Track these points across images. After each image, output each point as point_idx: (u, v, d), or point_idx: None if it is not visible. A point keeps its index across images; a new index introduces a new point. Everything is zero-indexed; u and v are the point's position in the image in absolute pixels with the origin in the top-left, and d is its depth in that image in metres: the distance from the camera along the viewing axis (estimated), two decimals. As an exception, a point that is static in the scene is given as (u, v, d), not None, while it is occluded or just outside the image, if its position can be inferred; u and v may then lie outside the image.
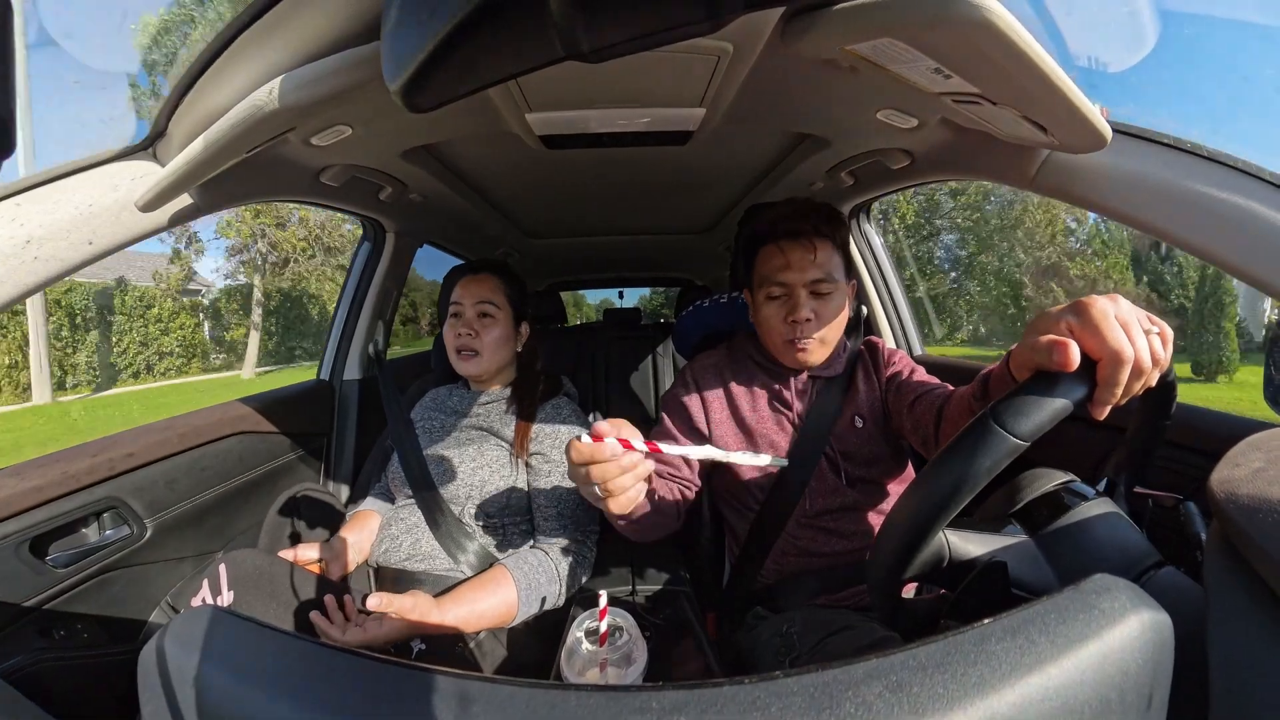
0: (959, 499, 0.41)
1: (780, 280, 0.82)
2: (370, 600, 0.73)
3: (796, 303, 0.81)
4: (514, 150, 0.97)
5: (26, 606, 0.76)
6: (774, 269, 0.83)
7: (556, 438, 1.00)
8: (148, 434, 1.00)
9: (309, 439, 1.40)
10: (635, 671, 0.57)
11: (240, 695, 0.31)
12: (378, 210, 1.34)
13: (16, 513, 0.77)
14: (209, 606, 0.37)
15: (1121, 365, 0.40)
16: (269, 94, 0.60)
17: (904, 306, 1.61)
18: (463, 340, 1.03)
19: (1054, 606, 0.31)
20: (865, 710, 0.27)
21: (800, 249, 0.82)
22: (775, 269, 0.83)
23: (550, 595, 0.89)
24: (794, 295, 0.82)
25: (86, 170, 0.70)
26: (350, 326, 1.55)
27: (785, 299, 0.83)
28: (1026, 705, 0.27)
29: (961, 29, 0.49)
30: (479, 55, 0.27)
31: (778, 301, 0.84)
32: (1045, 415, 0.39)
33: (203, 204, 0.81)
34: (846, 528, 0.86)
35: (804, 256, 0.81)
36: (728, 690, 0.29)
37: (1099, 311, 0.42)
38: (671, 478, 0.87)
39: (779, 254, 0.83)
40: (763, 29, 0.61)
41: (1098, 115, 0.61)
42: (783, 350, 0.86)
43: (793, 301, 0.82)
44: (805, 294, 0.82)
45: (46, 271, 0.64)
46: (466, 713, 0.29)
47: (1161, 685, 0.31)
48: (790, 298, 0.82)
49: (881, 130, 0.90)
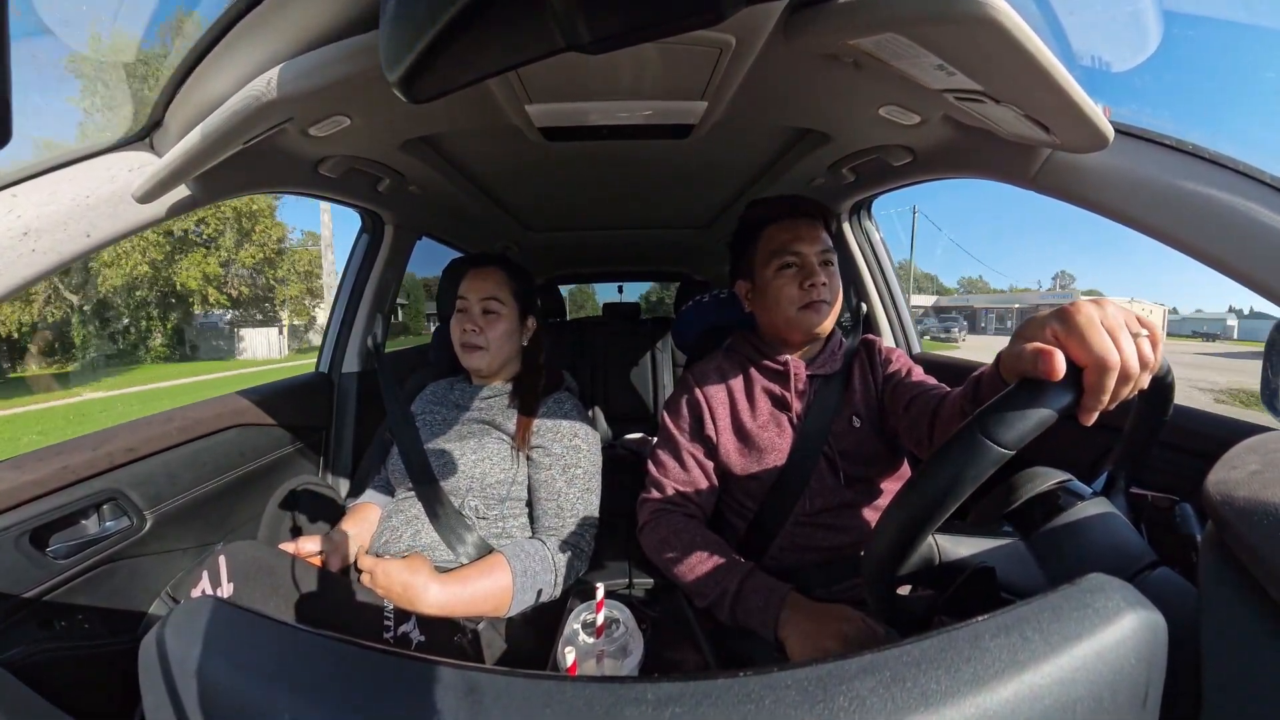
0: (946, 506, 0.41)
1: (794, 250, 0.87)
2: (363, 561, 0.80)
3: (811, 268, 0.87)
4: (514, 142, 0.97)
5: (27, 597, 0.77)
6: (786, 241, 0.88)
7: (557, 432, 1.00)
8: (147, 427, 1.00)
9: (308, 432, 1.40)
10: (631, 663, 0.58)
11: (240, 685, 0.31)
12: (376, 202, 1.33)
13: (17, 504, 0.77)
14: (209, 597, 0.37)
15: (1107, 372, 0.40)
16: (267, 84, 0.59)
17: (902, 304, 1.61)
18: (468, 336, 1.02)
19: (1049, 605, 0.32)
20: (858, 704, 0.27)
21: (808, 225, 0.89)
22: (787, 241, 0.88)
23: (547, 586, 0.89)
24: (807, 262, 0.87)
25: (84, 161, 0.69)
26: (349, 319, 1.54)
27: (799, 268, 0.87)
28: (1019, 703, 0.27)
29: (966, 26, 0.49)
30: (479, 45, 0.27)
31: (791, 270, 0.88)
32: (1030, 424, 0.39)
33: (200, 195, 0.80)
34: (844, 523, 0.86)
35: (812, 231, 0.89)
36: (722, 683, 0.29)
37: (1084, 318, 0.41)
38: (699, 511, 0.92)
39: (789, 229, 0.89)
40: (765, 22, 0.60)
41: (1100, 115, 0.60)
42: (794, 320, 0.88)
43: (807, 268, 0.87)
44: (817, 262, 0.87)
45: (44, 263, 0.64)
46: (464, 702, 0.29)
47: (1155, 685, 0.31)
48: (804, 265, 0.87)
49: (883, 126, 0.90)
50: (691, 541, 0.83)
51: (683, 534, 0.85)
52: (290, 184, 1.03)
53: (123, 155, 0.72)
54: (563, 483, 0.97)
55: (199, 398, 1.20)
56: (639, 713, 0.28)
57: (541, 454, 0.99)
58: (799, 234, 0.88)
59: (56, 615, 0.80)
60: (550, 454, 0.99)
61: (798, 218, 0.90)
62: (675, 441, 0.94)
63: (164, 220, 0.77)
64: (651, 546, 0.89)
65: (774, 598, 0.73)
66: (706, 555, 0.81)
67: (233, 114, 0.62)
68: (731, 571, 0.78)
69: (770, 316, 0.91)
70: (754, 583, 0.76)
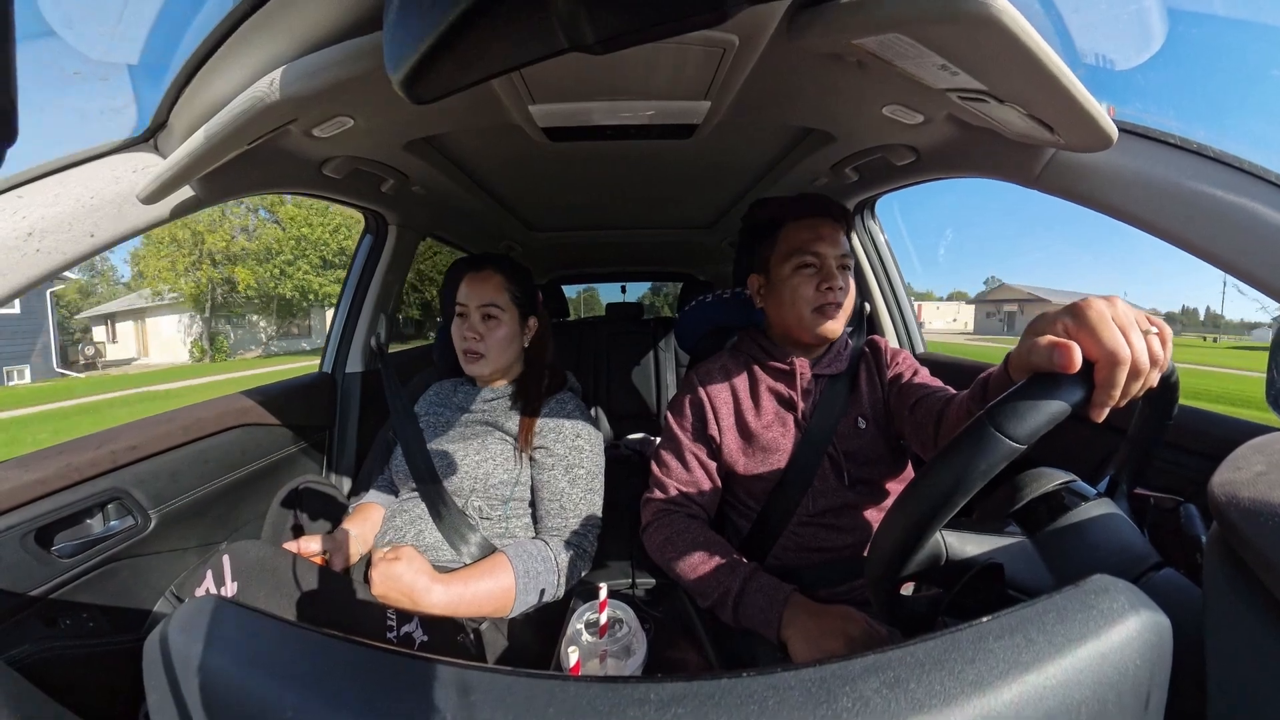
0: (955, 502, 0.41)
1: (814, 250, 0.86)
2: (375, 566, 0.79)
3: (830, 271, 0.85)
4: (517, 143, 0.97)
5: (32, 596, 0.77)
6: (806, 241, 0.86)
7: (560, 432, 1.00)
8: (151, 426, 1.00)
9: (311, 432, 1.41)
10: (634, 663, 0.58)
11: (244, 684, 0.31)
12: (380, 203, 1.33)
13: (21, 504, 0.78)
14: (213, 596, 0.37)
15: (1118, 367, 0.40)
16: (270, 85, 0.59)
17: (906, 305, 1.60)
18: (468, 344, 1.02)
19: (1053, 606, 0.31)
20: (862, 705, 0.27)
21: (830, 226, 0.87)
22: (808, 241, 0.86)
23: (549, 586, 0.89)
24: (826, 264, 0.86)
25: (88, 162, 0.69)
26: (352, 319, 1.55)
27: (818, 270, 0.86)
28: (1023, 704, 0.27)
29: (969, 25, 0.48)
30: (482, 46, 0.27)
31: (809, 271, 0.86)
32: (1042, 418, 0.39)
33: (204, 196, 0.80)
34: (847, 524, 0.86)
35: (834, 234, 0.87)
36: (725, 683, 0.29)
37: (1096, 314, 0.41)
38: (702, 512, 0.92)
39: (812, 229, 0.87)
40: (769, 22, 0.60)
41: (1104, 114, 0.60)
42: (809, 321, 0.87)
43: (826, 270, 0.86)
44: (835, 266, 0.86)
45: (49, 264, 0.64)
46: (467, 702, 0.29)
47: (1159, 686, 0.31)
48: (824, 268, 0.86)
49: (887, 126, 0.90)
50: (694, 542, 0.83)
51: (685, 534, 0.85)
52: (294, 185, 1.04)
53: (127, 156, 0.72)
54: (565, 483, 0.97)
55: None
56: (642, 713, 0.28)
57: (544, 454, 0.99)
58: (821, 234, 0.86)
59: (61, 614, 0.80)
60: (553, 454, 0.99)
61: (821, 218, 0.88)
62: (678, 441, 0.93)
63: (168, 221, 0.77)
64: (654, 547, 0.89)
65: (777, 598, 0.73)
66: (709, 555, 0.81)
67: (236, 115, 0.62)
68: (734, 572, 0.78)
69: (782, 314, 0.90)
70: (757, 583, 0.76)
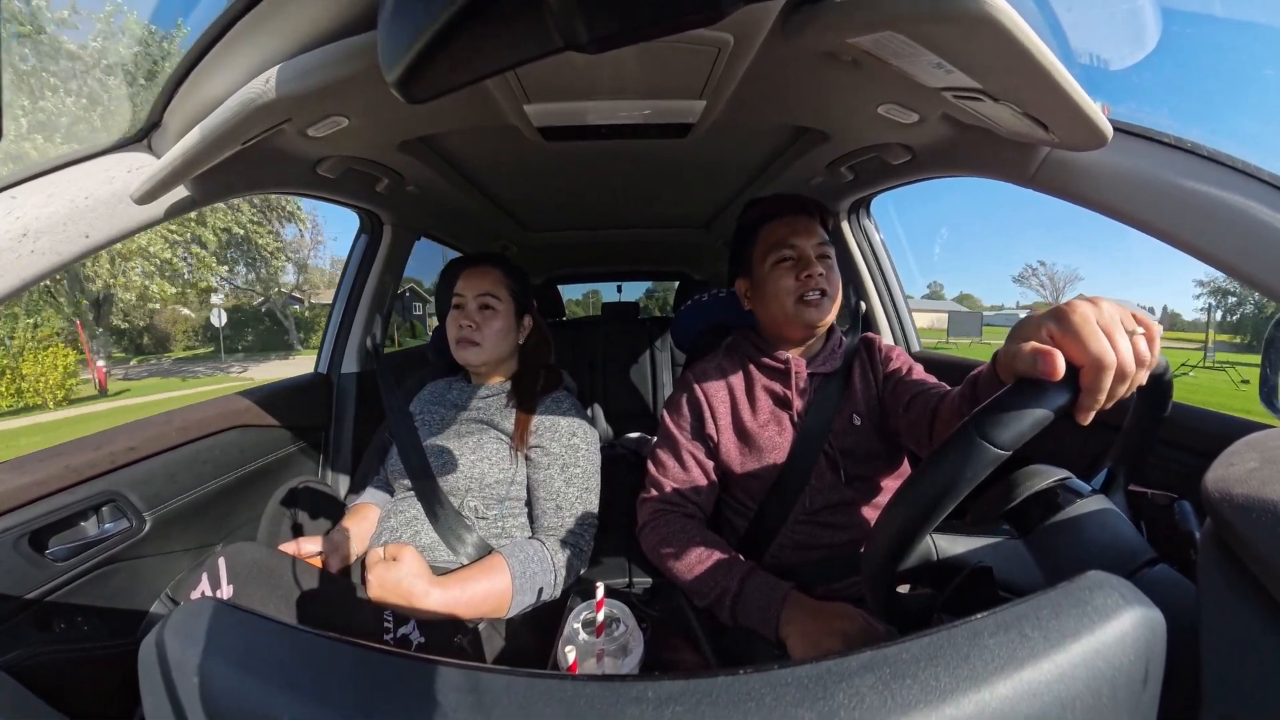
0: (942, 509, 0.41)
1: (790, 243, 0.88)
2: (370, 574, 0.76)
3: (808, 259, 0.87)
4: (512, 142, 0.97)
5: (27, 599, 0.76)
6: (783, 236, 0.89)
7: (556, 431, 1.00)
8: (147, 428, 1.00)
9: (307, 432, 1.40)
10: (631, 662, 0.58)
11: (241, 686, 0.31)
12: (375, 202, 1.33)
13: (16, 506, 0.77)
14: (209, 599, 0.37)
15: (1103, 372, 0.40)
16: (264, 84, 0.59)
17: (901, 303, 1.61)
18: (464, 332, 1.03)
19: (1047, 602, 0.32)
20: (858, 701, 0.27)
21: (805, 220, 0.90)
22: (784, 235, 0.89)
23: (546, 586, 0.89)
24: (804, 254, 0.88)
25: (82, 162, 0.69)
26: (348, 319, 1.54)
27: (796, 261, 0.88)
28: (1018, 699, 0.27)
29: (964, 24, 0.49)
30: (476, 45, 0.27)
31: (788, 264, 0.88)
32: (1026, 425, 0.39)
33: (199, 196, 0.80)
34: (844, 521, 0.86)
35: (809, 226, 0.90)
36: (722, 681, 0.29)
37: (1080, 317, 0.41)
38: (699, 511, 0.92)
39: (786, 224, 0.90)
40: (764, 21, 0.60)
41: (1099, 113, 0.60)
42: (793, 314, 0.87)
43: (804, 259, 0.87)
44: (813, 255, 0.88)
45: (43, 264, 0.64)
46: (465, 701, 0.29)
47: (1154, 681, 0.31)
48: (801, 258, 0.88)
49: (882, 125, 0.90)
50: (691, 541, 0.84)
51: (682, 534, 0.85)
52: (289, 184, 1.03)
53: (121, 156, 0.72)
54: (561, 482, 0.97)
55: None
56: (640, 711, 0.28)
57: (540, 453, 0.99)
58: (795, 228, 0.89)
59: (56, 617, 0.80)
60: (549, 453, 0.99)
61: (794, 214, 0.90)
62: (675, 441, 0.94)
63: (162, 221, 0.77)
64: (651, 546, 0.89)
65: (774, 596, 0.73)
66: (706, 555, 0.81)
67: (231, 115, 0.62)
68: (731, 571, 0.78)
69: (769, 311, 0.91)
70: (754, 582, 0.76)
